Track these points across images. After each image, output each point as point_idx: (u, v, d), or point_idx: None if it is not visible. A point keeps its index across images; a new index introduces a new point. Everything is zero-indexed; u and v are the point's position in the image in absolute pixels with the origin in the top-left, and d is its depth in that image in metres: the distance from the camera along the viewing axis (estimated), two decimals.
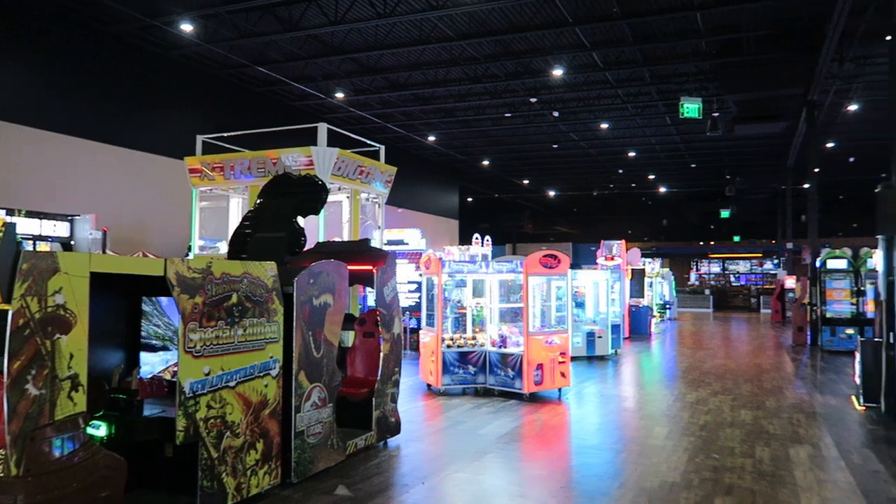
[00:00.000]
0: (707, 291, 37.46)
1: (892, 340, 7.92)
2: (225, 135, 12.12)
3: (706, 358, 14.68)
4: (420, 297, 13.37)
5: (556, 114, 21.62)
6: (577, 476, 6.11)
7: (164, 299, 5.46)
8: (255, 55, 16.80)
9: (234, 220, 11.69)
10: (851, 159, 29.00)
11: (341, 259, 6.27)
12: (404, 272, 15.67)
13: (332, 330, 5.97)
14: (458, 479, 5.84)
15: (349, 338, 7.35)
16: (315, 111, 21.48)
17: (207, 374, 4.62)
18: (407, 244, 17.32)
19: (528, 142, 27.19)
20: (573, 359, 13.16)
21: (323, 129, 10.40)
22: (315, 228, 10.21)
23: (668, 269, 31.46)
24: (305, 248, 6.76)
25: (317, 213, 6.75)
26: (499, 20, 14.70)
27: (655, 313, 23.67)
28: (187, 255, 12.60)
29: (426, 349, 10.20)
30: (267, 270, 5.30)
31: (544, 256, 9.80)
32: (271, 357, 5.27)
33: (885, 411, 8.39)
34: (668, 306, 27.11)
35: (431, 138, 26.02)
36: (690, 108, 15.73)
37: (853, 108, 20.18)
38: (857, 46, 14.80)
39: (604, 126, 23.60)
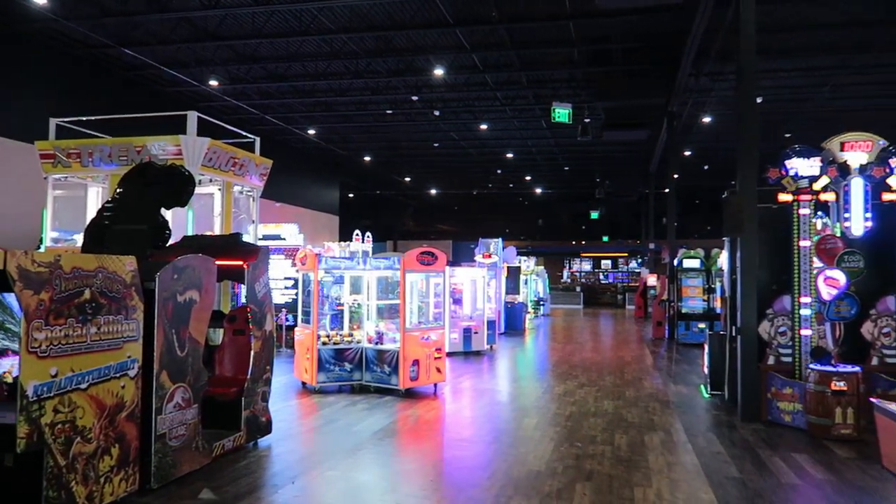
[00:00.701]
0: (578, 289, 39.34)
1: (734, 334, 8.67)
2: (84, 119, 11.27)
3: (575, 352, 15.41)
4: (297, 294, 13.09)
5: (436, 113, 21.87)
6: (448, 469, 6.23)
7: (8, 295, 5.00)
8: (121, 36, 15.71)
9: (93, 211, 10.90)
10: (706, 167, 31.49)
11: (210, 254, 6.02)
12: (280, 268, 15.28)
13: (198, 327, 5.72)
14: (329, 477, 5.78)
15: (218, 336, 7.08)
16: (188, 99, 20.44)
17: (55, 376, 4.28)
18: (284, 239, 16.88)
19: (410, 139, 27.33)
20: (450, 354, 13.39)
21: (193, 117, 9.92)
22: (184, 222, 9.74)
23: (542, 267, 32.71)
24: (172, 242, 6.43)
25: (182, 205, 6.45)
26: (380, 16, 14.65)
27: (530, 309, 24.55)
28: (38, 247, 11.60)
29: (301, 347, 10.01)
30: (125, 265, 4.99)
31: (422, 254, 9.90)
32: (129, 357, 4.97)
33: (728, 398, 9.18)
34: (541, 303, 28.20)
35: (311, 132, 25.53)
36: (561, 113, 16.42)
37: (707, 119, 21.88)
38: (711, 63, 16.05)
39: (483, 127, 24.16)
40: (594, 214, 35.29)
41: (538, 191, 40.17)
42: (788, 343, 8.24)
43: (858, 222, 8.15)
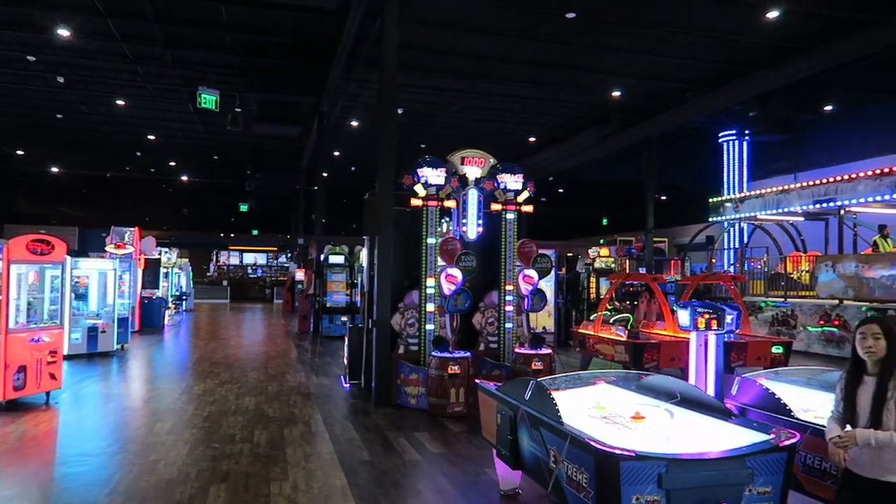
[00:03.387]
0: (225, 283, 38.09)
1: (370, 326, 9.31)
2: None
3: (218, 348, 14.87)
4: None
5: (60, 79, 19.00)
6: (59, 489, 5.44)
7: None
8: None
9: None
10: (353, 168, 33.28)
11: None
12: None
13: None
14: None
15: None
16: None
17: None
18: None
19: (25, 106, 23.21)
20: (71, 357, 11.80)
21: None
22: None
23: (186, 260, 30.82)
24: None
25: None
26: None
27: (171, 305, 22.94)
28: None
29: None
30: None
31: (34, 241, 8.49)
32: None
33: (364, 386, 9.82)
34: (184, 297, 26.59)
35: None
36: (208, 99, 15.71)
37: (355, 123, 23.14)
38: (360, 70, 17.00)
39: (120, 103, 21.77)
40: (244, 207, 34.59)
41: (184, 178, 37.76)
42: (416, 333, 9.15)
43: (473, 227, 9.45)
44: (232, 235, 44.03)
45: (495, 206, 9.57)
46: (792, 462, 3.65)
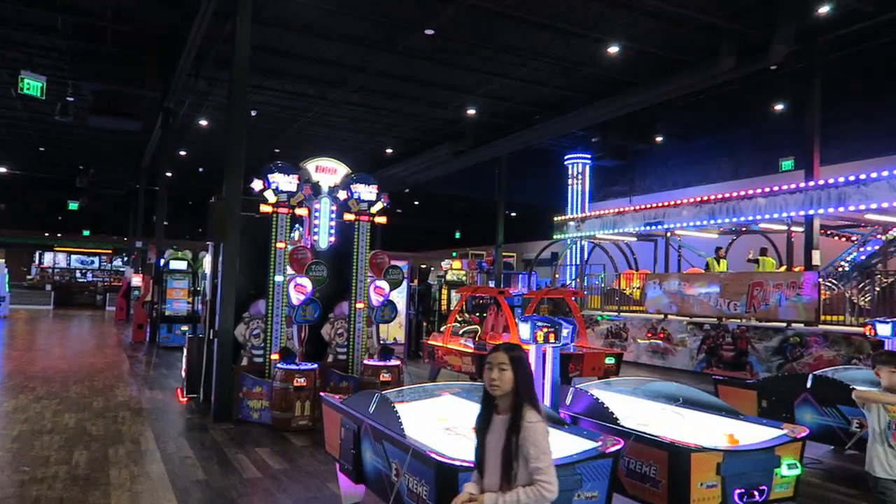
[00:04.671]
0: (49, 287, 34.65)
1: (212, 337, 8.84)
2: None
3: (36, 360, 13.44)
4: None
5: None
6: None
7: None
8: None
9: None
10: (201, 169, 31.59)
11: None
12: None
13: None
14: None
15: None
16: None
17: None
18: None
19: None
20: None
21: None
22: None
23: (2, 261, 27.64)
24: None
25: None
26: None
27: None
28: None
29: None
30: None
31: None
32: None
33: (203, 400, 9.29)
34: None
35: None
36: (32, 84, 14.24)
37: (204, 122, 22.02)
38: (211, 67, 16.22)
39: None
40: (74, 205, 31.72)
41: (3, 170, 33.90)
42: (261, 345, 8.81)
43: (325, 237, 9.29)
44: (59, 235, 40.15)
45: (348, 216, 9.47)
46: (616, 467, 3.89)
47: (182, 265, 17.36)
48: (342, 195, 9.37)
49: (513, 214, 34.50)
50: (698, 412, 5.30)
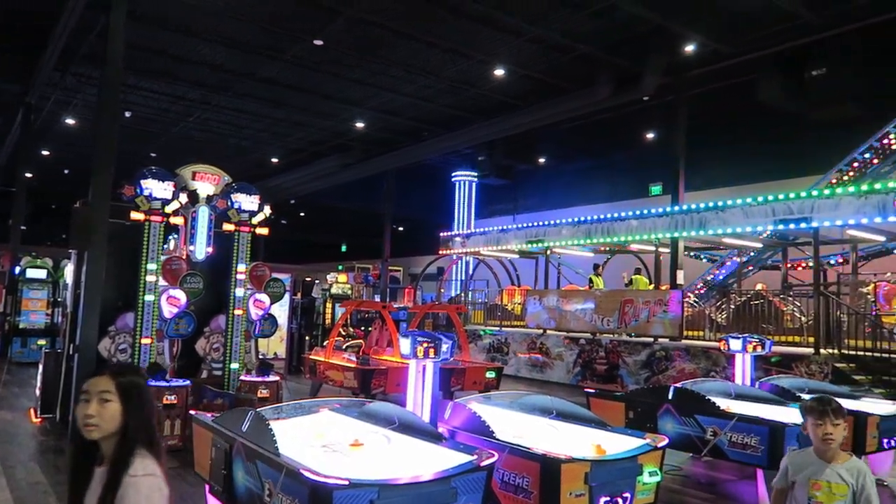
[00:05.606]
0: None
1: (72, 352, 8.21)
2: None
3: None
4: None
5: None
6: None
7: None
8: None
9: None
10: (66, 171, 29.41)
11: None
12: None
13: None
14: None
15: None
16: None
17: None
18: None
19: None
20: None
21: None
22: None
23: None
24: None
25: None
26: None
27: None
28: None
29: None
30: None
31: None
32: None
33: (60, 420, 8.59)
34: None
35: None
36: None
37: (72, 121, 20.55)
38: (80, 63, 15.19)
39: None
40: None
41: None
42: (128, 360, 8.28)
43: (202, 247, 8.90)
44: None
45: (228, 227, 9.13)
46: (491, 480, 3.97)
47: (41, 274, 16.05)
48: (222, 204, 9.02)
49: (400, 229, 34.62)
50: (570, 424, 5.51)
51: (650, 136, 20.76)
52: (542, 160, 24.24)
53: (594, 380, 14.56)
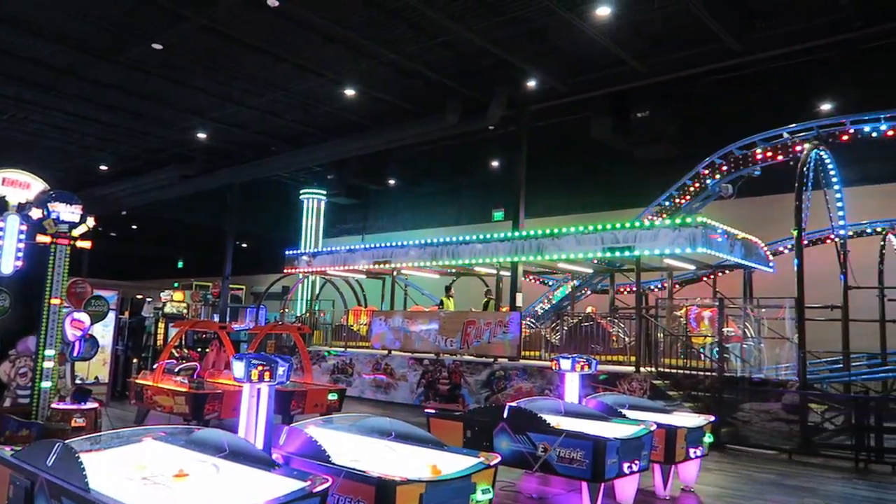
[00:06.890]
0: None
1: None
2: None
3: None
4: None
5: None
6: None
7: None
8: None
9: None
10: None
11: None
12: None
13: None
14: None
15: None
16: None
17: None
18: None
19: None
20: None
21: None
22: None
23: None
24: None
25: None
26: None
27: None
28: None
29: None
30: None
31: None
32: None
33: None
34: None
35: None
36: None
37: None
38: None
39: None
40: None
41: None
42: (28, 384, 7.38)
43: (10, 261, 7.99)
44: None
45: (43, 238, 8.27)
46: None
47: None
48: (36, 213, 8.17)
49: (244, 245, 33.28)
50: (408, 445, 5.54)
51: (495, 163, 21.67)
52: (392, 182, 24.46)
53: (437, 399, 14.77)
